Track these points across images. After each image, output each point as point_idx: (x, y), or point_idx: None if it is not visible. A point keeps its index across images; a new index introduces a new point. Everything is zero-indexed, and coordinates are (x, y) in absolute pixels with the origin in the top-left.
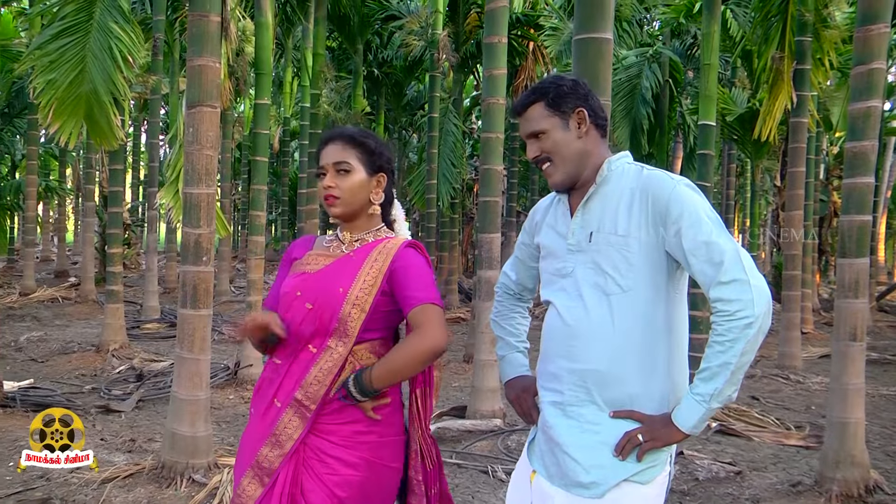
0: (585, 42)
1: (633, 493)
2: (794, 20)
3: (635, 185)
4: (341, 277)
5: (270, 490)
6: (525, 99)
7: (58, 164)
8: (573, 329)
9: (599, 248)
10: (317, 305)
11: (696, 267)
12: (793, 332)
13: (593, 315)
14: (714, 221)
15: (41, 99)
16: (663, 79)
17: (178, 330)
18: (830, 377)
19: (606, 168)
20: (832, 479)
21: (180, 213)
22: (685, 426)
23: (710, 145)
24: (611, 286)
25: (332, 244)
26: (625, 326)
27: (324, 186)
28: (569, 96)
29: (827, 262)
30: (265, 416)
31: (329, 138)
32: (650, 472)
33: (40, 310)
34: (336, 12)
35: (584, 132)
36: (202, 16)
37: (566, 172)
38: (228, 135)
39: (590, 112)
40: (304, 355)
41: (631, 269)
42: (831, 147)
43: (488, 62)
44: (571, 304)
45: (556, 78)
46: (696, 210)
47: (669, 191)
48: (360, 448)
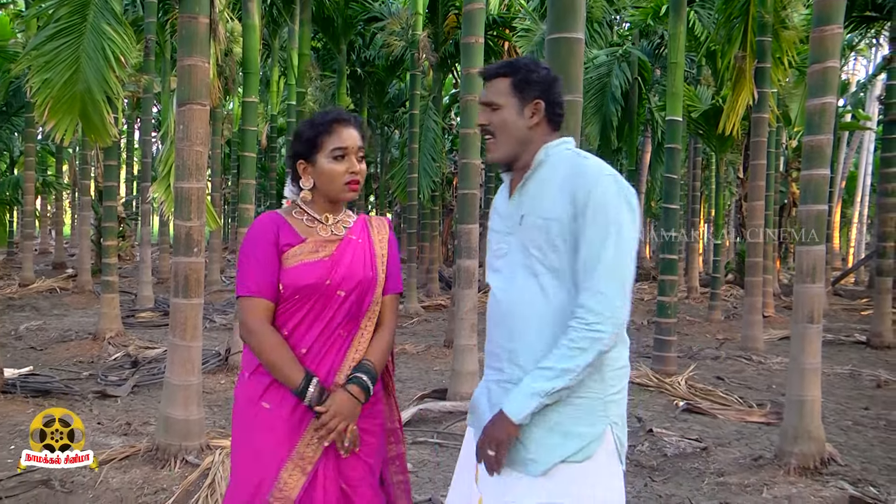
0: (558, 41)
1: (570, 472)
2: (755, 21)
3: (568, 171)
4: (364, 261)
5: (314, 477)
6: (496, 69)
7: (54, 160)
8: (507, 309)
9: (527, 231)
10: (349, 292)
11: (578, 263)
12: (755, 316)
13: (525, 295)
14: (616, 229)
15: (37, 98)
16: (632, 77)
17: (171, 318)
18: (790, 357)
19: (543, 153)
20: (791, 453)
21: (172, 206)
22: (517, 417)
23: (677, 140)
24: (538, 267)
25: (316, 226)
26: (553, 305)
27: (352, 171)
28: (534, 85)
29: (787, 249)
30: (297, 408)
31: (345, 120)
32: (587, 450)
33: (39, 300)
34: (321, 14)
35: (534, 122)
36: (192, 17)
37: (505, 152)
38: (218, 131)
39: (547, 105)
40: (335, 341)
41: (555, 250)
42: (790, 141)
43: (466, 61)
44: (505, 285)
45: (531, 63)
46: (606, 209)
47: (592, 182)
48: (378, 416)
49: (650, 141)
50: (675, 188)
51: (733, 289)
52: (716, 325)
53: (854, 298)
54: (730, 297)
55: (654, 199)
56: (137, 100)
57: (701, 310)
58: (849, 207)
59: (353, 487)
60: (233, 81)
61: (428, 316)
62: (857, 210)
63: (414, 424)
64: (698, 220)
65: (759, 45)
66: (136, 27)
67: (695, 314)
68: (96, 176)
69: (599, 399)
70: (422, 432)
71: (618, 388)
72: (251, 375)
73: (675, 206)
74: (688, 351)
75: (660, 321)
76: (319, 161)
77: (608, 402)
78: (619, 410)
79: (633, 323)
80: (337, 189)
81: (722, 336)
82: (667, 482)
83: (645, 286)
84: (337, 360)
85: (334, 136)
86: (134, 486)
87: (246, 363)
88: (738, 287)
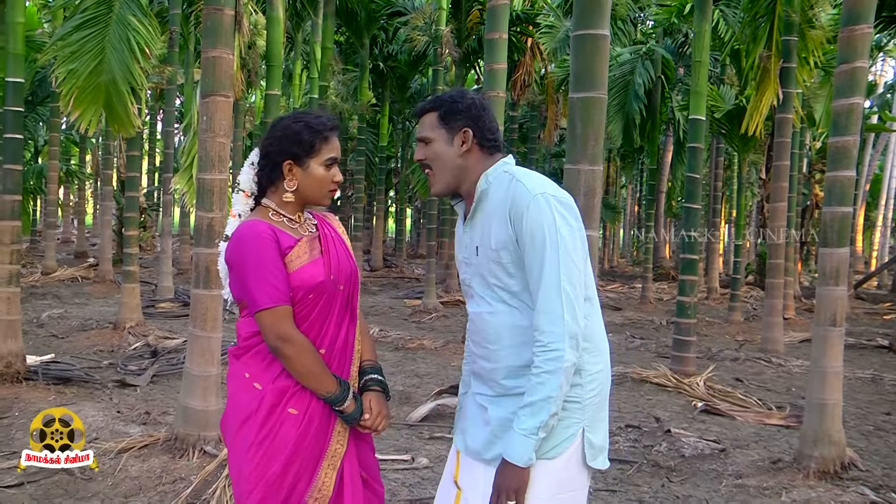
0: (583, 38)
1: (541, 468)
2: (781, 21)
3: (504, 196)
4: (345, 253)
5: (342, 471)
6: (424, 106)
7: (78, 149)
8: (482, 333)
9: (481, 262)
10: (347, 285)
11: (529, 284)
12: (775, 318)
13: (497, 318)
14: (553, 246)
15: (63, 88)
16: (656, 75)
17: (192, 309)
18: (811, 360)
19: (483, 182)
20: (810, 457)
21: (194, 197)
22: (521, 462)
23: (700, 139)
24: (502, 293)
25: (296, 226)
26: (523, 324)
27: (337, 181)
28: (459, 114)
29: (808, 251)
30: (324, 408)
31: (336, 128)
32: (557, 449)
33: (61, 288)
34: (344, 8)
35: (464, 150)
36: (217, 9)
37: (443, 182)
38: (240, 124)
39: (476, 132)
40: (341, 337)
41: (511, 277)
42: (814, 142)
43: (489, 57)
44: (479, 309)
45: (456, 93)
46: (541, 229)
47: (524, 206)
48: None
49: (672, 140)
50: (697, 188)
51: (753, 290)
52: (735, 327)
53: (876, 302)
54: (750, 299)
55: (675, 198)
56: (161, 91)
57: (720, 311)
58: (872, 210)
59: (369, 473)
60: (256, 74)
61: (446, 311)
62: (880, 213)
63: (431, 420)
64: (719, 221)
65: (784, 44)
66: (160, 18)
67: (714, 315)
68: (119, 166)
69: (577, 402)
70: (439, 428)
71: (595, 391)
72: (272, 386)
73: (696, 205)
74: (707, 352)
75: (679, 321)
76: (311, 166)
77: (585, 405)
78: (595, 413)
79: (651, 322)
80: (321, 195)
81: (741, 337)
82: (684, 483)
83: (664, 286)
84: (349, 355)
85: (330, 145)
86: (153, 475)
87: (257, 375)
88: (758, 288)
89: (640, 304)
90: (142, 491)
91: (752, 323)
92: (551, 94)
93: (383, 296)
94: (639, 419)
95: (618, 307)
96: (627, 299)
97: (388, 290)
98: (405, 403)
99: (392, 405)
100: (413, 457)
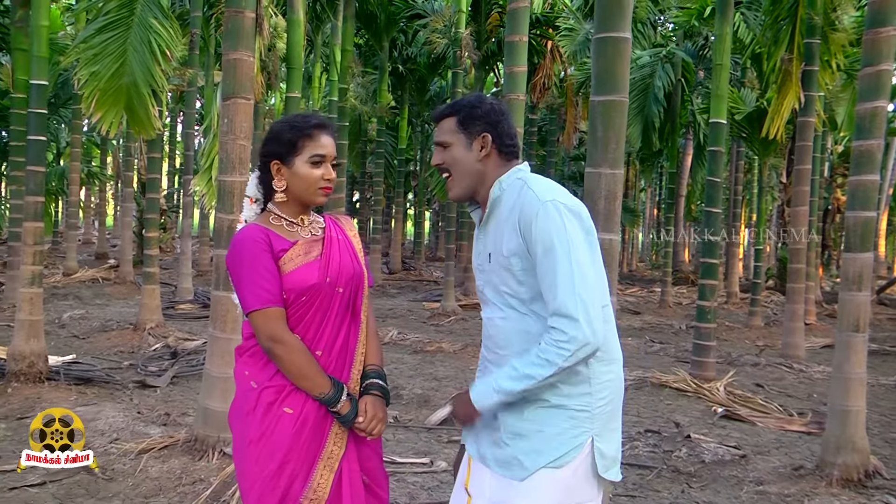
0: (605, 41)
1: (549, 477)
2: (803, 23)
3: (515, 203)
4: (350, 256)
5: (340, 473)
6: (442, 110)
7: (99, 151)
8: (494, 338)
9: (493, 269)
10: (347, 287)
11: (543, 293)
12: (796, 323)
13: (508, 325)
14: (564, 253)
15: (85, 90)
16: (675, 78)
17: (212, 310)
18: (833, 366)
19: (497, 188)
20: (833, 464)
21: (213, 199)
22: (479, 406)
23: (721, 143)
24: (512, 301)
25: (296, 228)
26: (536, 331)
27: (328, 178)
28: (478, 120)
29: (829, 256)
30: (320, 408)
31: (324, 126)
32: (564, 458)
33: (81, 289)
34: (363, 10)
35: (483, 155)
36: (238, 12)
37: (462, 187)
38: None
39: (495, 137)
40: (340, 339)
41: (521, 285)
42: (836, 146)
43: (509, 60)
44: (492, 315)
45: (475, 98)
46: (551, 236)
47: (534, 213)
48: None
49: (692, 143)
50: (718, 192)
51: (774, 295)
52: (755, 332)
53: None
54: (770, 304)
55: (695, 202)
56: (181, 93)
57: (740, 315)
58: (895, 215)
59: (371, 478)
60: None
61: (465, 315)
62: None
63: (450, 423)
64: (739, 225)
65: (806, 47)
66: (181, 21)
67: (734, 320)
68: (139, 168)
69: (587, 411)
70: (457, 431)
71: (606, 400)
72: (267, 385)
73: (717, 209)
74: (727, 357)
75: (699, 326)
76: (297, 164)
77: (595, 414)
78: (606, 423)
79: (670, 327)
80: (311, 193)
81: (762, 343)
82: (704, 489)
83: (683, 290)
84: (349, 357)
85: (315, 142)
86: (172, 476)
87: (254, 374)
88: (778, 293)
89: (659, 308)
90: (162, 492)
91: (773, 328)
92: (570, 97)
93: (402, 298)
94: (658, 424)
95: (637, 311)
96: (646, 303)
97: (406, 292)
98: (424, 406)
99: (410, 408)
100: (432, 460)
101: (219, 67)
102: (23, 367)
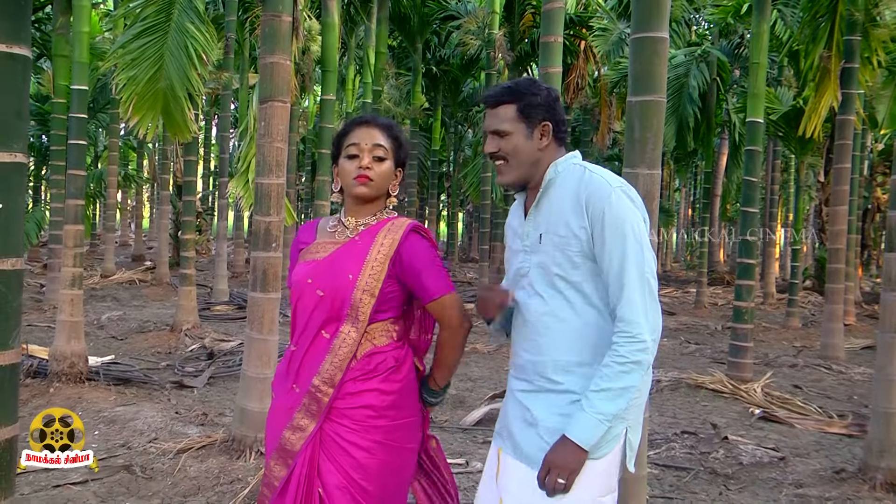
0: (642, 41)
1: (588, 471)
2: (842, 20)
3: (578, 186)
4: (349, 264)
5: (291, 472)
6: (499, 96)
7: (136, 154)
8: (534, 324)
9: (546, 250)
10: (328, 293)
11: (606, 278)
12: (835, 324)
13: (551, 310)
14: (636, 239)
15: (123, 94)
16: (710, 77)
17: (249, 312)
18: (875, 368)
19: (552, 171)
20: (876, 468)
21: (250, 201)
22: (587, 443)
23: (758, 142)
24: (561, 283)
25: (336, 229)
26: (583, 319)
27: (361, 166)
28: (540, 108)
29: (869, 255)
30: (286, 401)
31: (364, 121)
32: (604, 448)
33: (119, 291)
34: (397, 12)
35: (544, 144)
36: (275, 16)
37: (518, 175)
38: (294, 128)
39: (554, 126)
40: (318, 342)
41: (575, 267)
42: (876, 144)
43: (544, 60)
44: (530, 301)
45: (531, 85)
46: (623, 223)
47: (605, 197)
48: (372, 432)
49: (727, 143)
50: (755, 191)
51: (811, 295)
52: (793, 333)
53: None
54: (807, 304)
55: (730, 201)
56: (216, 97)
57: (777, 316)
58: None
59: (328, 494)
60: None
61: None
62: None
63: (485, 424)
64: (776, 224)
65: (846, 44)
66: (217, 25)
67: (771, 320)
68: (175, 171)
69: None
70: (493, 431)
71: (640, 392)
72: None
73: (754, 209)
74: (764, 358)
75: (736, 327)
76: (340, 162)
77: (632, 405)
78: (638, 414)
79: (706, 328)
80: (350, 186)
81: (800, 343)
82: (742, 491)
83: (719, 290)
84: (317, 361)
85: (350, 136)
86: (210, 476)
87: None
88: (816, 293)
89: (695, 309)
90: (200, 491)
91: (811, 329)
92: (604, 97)
93: None
94: (695, 425)
95: (672, 312)
96: (681, 304)
97: None
98: (459, 407)
99: (446, 409)
100: (467, 461)
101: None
102: (64, 368)
